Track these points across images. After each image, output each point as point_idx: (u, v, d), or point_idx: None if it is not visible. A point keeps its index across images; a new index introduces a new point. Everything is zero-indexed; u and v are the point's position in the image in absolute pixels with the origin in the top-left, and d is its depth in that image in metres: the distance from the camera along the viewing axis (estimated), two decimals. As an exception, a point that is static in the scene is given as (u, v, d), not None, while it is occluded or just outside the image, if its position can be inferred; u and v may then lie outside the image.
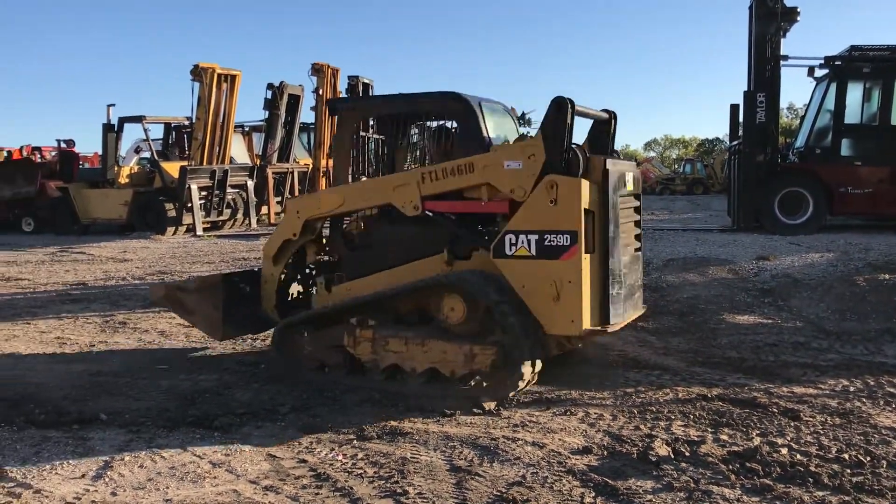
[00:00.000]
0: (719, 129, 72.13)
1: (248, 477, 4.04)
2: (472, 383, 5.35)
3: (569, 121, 5.18)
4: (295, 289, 6.49)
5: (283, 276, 6.31)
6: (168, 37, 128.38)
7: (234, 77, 17.44)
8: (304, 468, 4.16)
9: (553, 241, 5.04)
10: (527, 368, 5.14)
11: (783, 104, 49.63)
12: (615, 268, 5.27)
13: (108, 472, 4.12)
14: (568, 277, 5.01)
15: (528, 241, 5.11)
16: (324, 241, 6.27)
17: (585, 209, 5.05)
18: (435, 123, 6.27)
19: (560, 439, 4.49)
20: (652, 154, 70.59)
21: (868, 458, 4.06)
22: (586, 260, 5.06)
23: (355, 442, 4.52)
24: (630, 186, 5.68)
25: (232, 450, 4.42)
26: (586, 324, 5.08)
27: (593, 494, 3.74)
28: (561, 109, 5.17)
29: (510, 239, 5.17)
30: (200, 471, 4.12)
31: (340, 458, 4.28)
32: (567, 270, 5.01)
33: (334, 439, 4.57)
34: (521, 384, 5.19)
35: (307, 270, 6.47)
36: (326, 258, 6.27)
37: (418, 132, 6.43)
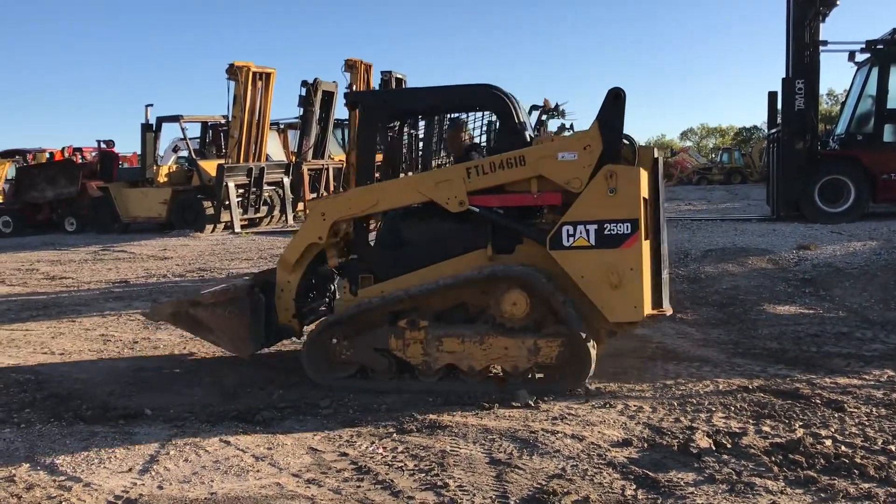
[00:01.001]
0: (757, 117, 71.03)
1: (291, 470, 4.10)
2: (539, 377, 5.38)
3: (624, 111, 5.22)
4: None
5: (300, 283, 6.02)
6: (204, 36, 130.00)
7: (268, 75, 17.60)
8: (345, 461, 4.20)
9: (613, 230, 5.11)
10: (593, 357, 5.20)
11: (823, 90, 48.61)
12: (664, 252, 5.44)
13: (154, 466, 4.21)
14: (630, 265, 5.10)
15: (587, 231, 5.16)
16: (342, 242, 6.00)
17: (644, 198, 5.15)
18: (470, 116, 6.27)
19: (599, 432, 4.48)
20: (688, 143, 69.81)
21: (915, 450, 3.99)
22: (645, 246, 5.16)
23: (395, 435, 4.56)
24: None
25: (274, 443, 4.48)
26: (647, 309, 5.18)
27: (634, 487, 3.73)
28: (618, 99, 5.21)
29: (567, 230, 5.19)
30: (244, 464, 4.19)
31: (381, 451, 4.32)
32: (629, 258, 5.10)
33: (374, 433, 4.61)
34: (590, 373, 5.23)
35: (330, 273, 6.30)
36: (348, 260, 5.95)
37: (450, 125, 6.40)
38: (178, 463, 4.25)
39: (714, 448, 4.12)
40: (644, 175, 5.19)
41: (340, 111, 20.60)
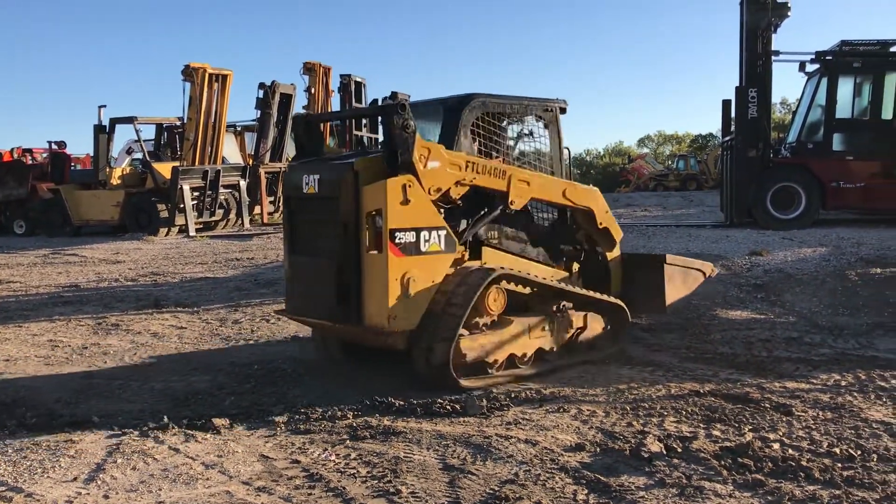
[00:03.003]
0: (712, 124, 72.07)
1: (241, 478, 4.03)
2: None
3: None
4: None
5: None
6: (159, 37, 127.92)
7: (225, 77, 17.42)
8: (296, 468, 4.15)
9: None
10: None
11: (776, 99, 49.70)
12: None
13: (101, 475, 4.11)
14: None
15: None
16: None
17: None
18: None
19: (553, 437, 4.49)
20: (646, 150, 70.63)
21: (859, 452, 4.08)
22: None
23: (348, 442, 4.51)
24: None
25: (225, 451, 4.41)
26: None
27: (586, 491, 3.74)
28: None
29: None
30: (193, 472, 4.11)
31: (333, 458, 4.27)
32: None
33: (327, 440, 4.57)
34: None
35: None
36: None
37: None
38: (125, 471, 4.16)
39: (665, 452, 4.16)
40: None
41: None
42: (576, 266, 6.56)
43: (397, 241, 5.27)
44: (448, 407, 5.02)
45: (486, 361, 5.54)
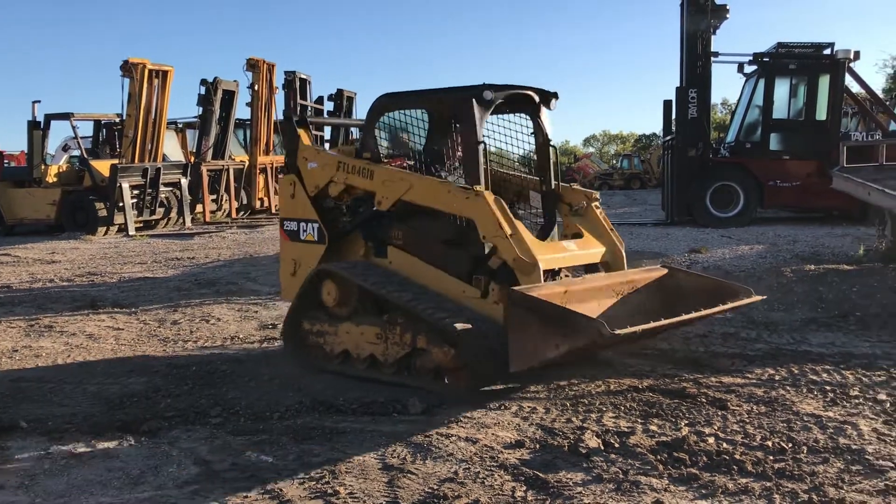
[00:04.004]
0: (656, 124, 73.44)
1: (176, 482, 3.95)
2: None
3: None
4: None
5: None
6: (98, 31, 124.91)
7: (165, 73, 17.08)
8: (234, 471, 4.08)
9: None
10: None
11: (718, 100, 50.80)
12: None
13: (28, 482, 3.98)
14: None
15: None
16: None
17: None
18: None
19: (493, 434, 4.49)
20: (591, 150, 71.52)
21: (790, 445, 4.17)
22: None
23: (286, 443, 4.46)
24: None
25: (159, 455, 4.32)
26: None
27: (524, 488, 3.76)
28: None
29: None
30: (126, 477, 4.01)
31: (270, 459, 4.21)
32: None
33: (266, 440, 4.50)
34: None
35: None
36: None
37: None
38: (55, 478, 4.03)
39: (602, 448, 4.19)
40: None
41: (242, 110, 20.18)
42: (497, 291, 5.25)
43: (286, 228, 6.32)
44: (389, 407, 5.00)
45: (324, 349, 5.82)
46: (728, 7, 14.00)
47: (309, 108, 19.93)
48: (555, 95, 6.06)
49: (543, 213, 6.05)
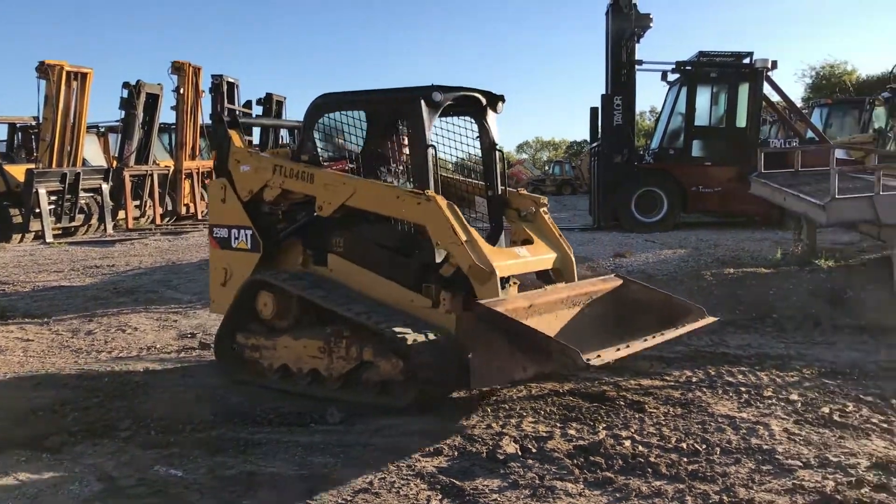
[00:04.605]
0: (587, 131, 74.70)
1: (76, 500, 3.77)
2: None
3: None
4: None
5: None
6: (13, 33, 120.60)
7: (85, 75, 16.55)
8: (141, 487, 3.92)
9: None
10: None
11: (646, 107, 51.81)
12: None
13: (-84, 504, 3.75)
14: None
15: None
16: None
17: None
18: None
19: (412, 442, 4.43)
20: (524, 156, 72.30)
21: (704, 447, 4.22)
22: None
23: (200, 456, 4.31)
24: None
25: (63, 471, 4.12)
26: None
27: (440, 497, 3.71)
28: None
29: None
30: (21, 497, 3.81)
31: (181, 473, 4.06)
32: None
33: (177, 454, 4.34)
34: None
35: None
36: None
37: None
38: (-54, 499, 3.81)
39: (520, 453, 4.18)
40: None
41: (167, 114, 19.69)
42: (450, 298, 5.10)
43: (215, 235, 6.01)
44: (307, 417, 4.89)
45: (261, 364, 5.55)
46: (651, 16, 14.27)
47: (237, 113, 19.58)
48: (501, 98, 5.95)
49: (490, 218, 5.91)
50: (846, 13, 73.96)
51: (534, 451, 4.20)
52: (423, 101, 5.25)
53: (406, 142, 5.83)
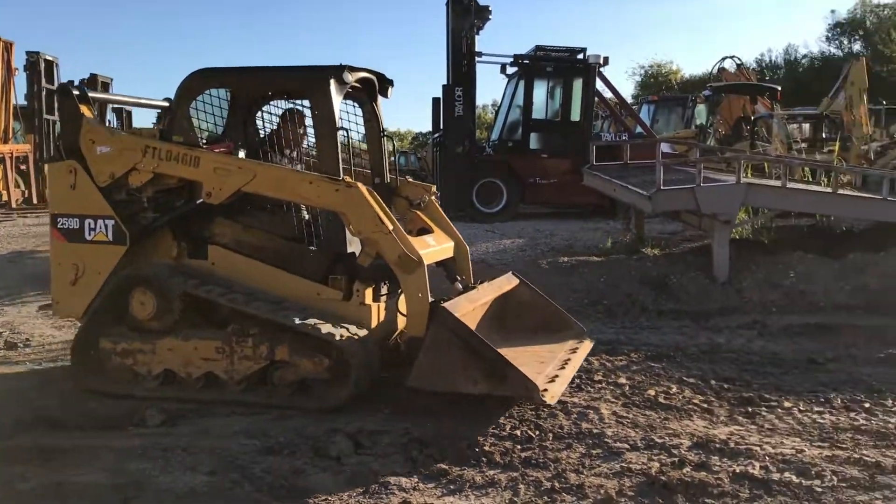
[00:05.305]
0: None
1: None
2: None
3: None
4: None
5: None
6: None
7: None
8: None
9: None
10: None
11: (488, 100, 52.92)
12: None
13: None
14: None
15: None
16: None
17: None
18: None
19: (241, 442, 4.20)
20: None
21: (537, 433, 4.26)
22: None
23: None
24: None
25: None
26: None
27: (269, 498, 3.52)
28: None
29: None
30: None
31: (-28, 490, 3.63)
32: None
33: (-29, 467, 3.89)
34: None
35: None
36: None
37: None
38: None
39: (355, 449, 4.04)
40: None
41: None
42: (365, 290, 4.90)
43: (60, 226, 5.15)
44: (125, 420, 4.54)
45: (136, 371, 4.96)
46: (491, 8, 14.45)
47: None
48: (391, 83, 5.70)
49: None
50: (673, 17, 78.81)
51: (367, 445, 4.08)
52: (332, 81, 4.95)
53: (309, 124, 5.43)
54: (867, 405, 4.73)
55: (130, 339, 4.97)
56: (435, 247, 5.30)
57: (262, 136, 5.70)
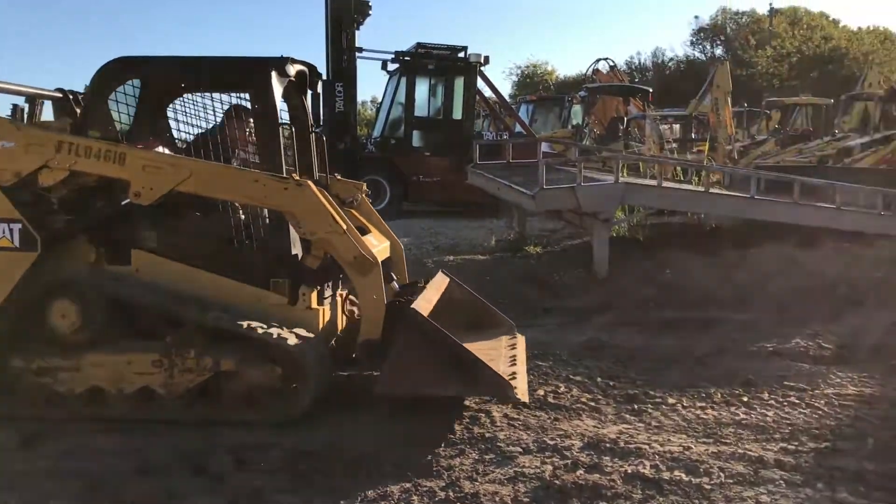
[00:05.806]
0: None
1: None
2: None
3: None
4: None
5: None
6: None
7: None
8: None
9: None
10: None
11: (367, 96, 52.59)
12: None
13: None
14: None
15: None
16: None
17: None
18: None
19: (110, 462, 3.88)
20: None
21: (429, 440, 4.14)
22: None
23: None
24: None
25: None
26: None
27: (142, 526, 3.25)
28: None
29: None
30: None
31: None
32: None
33: None
34: None
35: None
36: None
37: None
38: None
39: (236, 466, 3.81)
40: None
41: None
42: (311, 294, 4.64)
43: None
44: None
45: (56, 390, 4.47)
46: (370, 3, 14.24)
47: None
48: (320, 76, 5.42)
49: None
50: (542, 17, 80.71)
51: (250, 462, 3.85)
52: (274, 72, 4.67)
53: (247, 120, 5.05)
54: (745, 399, 4.88)
55: (48, 356, 4.47)
56: (378, 246, 5.10)
57: (194, 133, 5.15)
